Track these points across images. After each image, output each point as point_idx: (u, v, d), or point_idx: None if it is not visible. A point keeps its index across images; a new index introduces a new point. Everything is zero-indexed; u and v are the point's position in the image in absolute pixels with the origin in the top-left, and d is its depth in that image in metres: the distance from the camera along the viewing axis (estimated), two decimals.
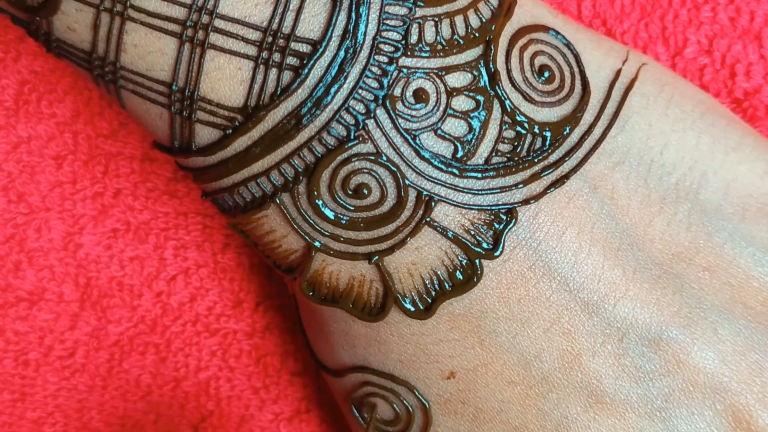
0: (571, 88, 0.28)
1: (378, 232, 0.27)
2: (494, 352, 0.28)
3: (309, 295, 0.29)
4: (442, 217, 0.27)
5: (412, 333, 0.28)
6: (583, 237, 0.28)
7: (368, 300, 0.28)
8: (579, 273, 0.28)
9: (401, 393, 0.29)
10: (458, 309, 0.28)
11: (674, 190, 0.28)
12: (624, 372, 0.28)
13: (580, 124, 0.28)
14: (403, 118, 0.26)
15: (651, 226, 0.28)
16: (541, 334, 0.28)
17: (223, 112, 0.26)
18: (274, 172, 0.27)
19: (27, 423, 0.37)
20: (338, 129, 0.26)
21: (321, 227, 0.27)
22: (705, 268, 0.28)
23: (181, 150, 0.28)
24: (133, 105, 0.27)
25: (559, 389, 0.28)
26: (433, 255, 0.27)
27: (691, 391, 0.28)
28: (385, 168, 0.26)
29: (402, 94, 0.26)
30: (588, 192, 0.28)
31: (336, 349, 0.30)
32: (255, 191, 0.27)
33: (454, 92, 0.27)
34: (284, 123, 0.26)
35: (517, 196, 0.27)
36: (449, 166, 0.27)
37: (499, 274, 0.27)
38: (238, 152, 0.27)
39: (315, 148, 0.26)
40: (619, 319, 0.28)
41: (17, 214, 0.36)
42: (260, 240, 0.29)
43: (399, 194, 0.27)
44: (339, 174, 0.26)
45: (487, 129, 0.27)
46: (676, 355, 0.28)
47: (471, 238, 0.27)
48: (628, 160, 0.28)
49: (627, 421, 0.28)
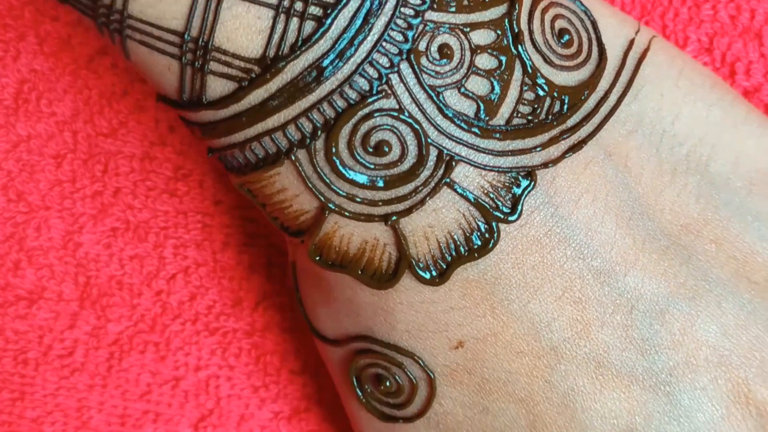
0: (588, 54, 0.28)
1: (396, 192, 0.26)
2: (505, 321, 0.27)
3: (315, 259, 0.28)
4: (462, 178, 0.26)
5: (423, 301, 0.28)
6: (598, 204, 0.27)
7: (379, 266, 0.27)
8: (593, 240, 0.27)
9: (405, 364, 0.29)
10: (472, 275, 0.27)
11: (685, 161, 0.28)
12: (631, 344, 0.28)
13: (597, 90, 0.28)
14: (427, 73, 0.26)
15: (662, 196, 0.28)
16: (553, 302, 0.27)
17: (238, 63, 0.25)
18: (291, 126, 0.26)
19: (26, 422, 0.36)
20: (360, 83, 0.25)
21: (337, 186, 0.26)
22: (712, 241, 0.28)
23: (190, 104, 0.27)
24: (139, 56, 0.26)
25: (567, 361, 0.28)
26: (450, 217, 0.27)
27: (693, 365, 0.28)
28: (407, 125, 0.26)
29: (427, 49, 0.26)
30: (603, 159, 0.28)
31: (338, 317, 0.29)
32: (269, 147, 0.26)
33: (478, 50, 0.26)
34: (304, 75, 0.25)
35: (536, 160, 0.27)
36: (471, 126, 0.26)
37: (515, 239, 0.27)
38: (254, 105, 0.26)
39: (336, 102, 0.26)
40: (629, 289, 0.28)
41: (17, 212, 0.36)
42: (269, 200, 0.28)
43: (420, 152, 0.26)
44: (359, 130, 0.26)
45: (508, 89, 0.26)
46: (681, 327, 0.28)
47: (490, 201, 0.27)
48: (641, 129, 0.28)
49: (632, 394, 0.28)
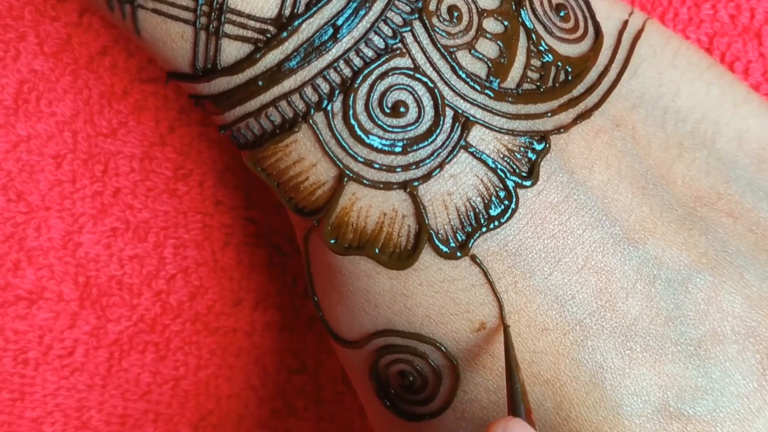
0: (585, 30, 0.28)
1: (414, 156, 0.26)
2: (528, 296, 0.27)
3: (331, 242, 0.27)
4: (479, 141, 0.26)
5: (443, 280, 0.27)
6: (612, 172, 0.28)
7: (398, 241, 0.27)
8: (611, 207, 0.27)
9: (428, 353, 0.28)
10: (492, 246, 0.27)
11: (690, 137, 0.29)
12: (658, 315, 0.27)
13: (597, 64, 0.28)
14: (439, 33, 0.26)
15: (672, 169, 0.28)
16: (576, 273, 0.27)
17: (254, 24, 0.26)
18: (308, 88, 0.26)
19: (26, 422, 0.37)
20: (376, 41, 0.26)
21: (355, 151, 0.26)
22: (728, 214, 0.28)
23: (205, 72, 0.27)
24: (151, 27, 0.26)
25: (594, 336, 0.27)
26: (469, 183, 0.27)
27: (721, 336, 0.27)
28: (422, 84, 0.26)
29: (437, 9, 0.26)
30: (612, 129, 0.28)
31: (356, 313, 0.29)
32: (286, 112, 0.26)
33: (485, 13, 0.27)
34: (320, 34, 0.25)
35: (549, 125, 0.27)
36: (484, 88, 0.26)
37: (534, 206, 0.27)
38: (270, 68, 0.26)
39: (352, 60, 0.26)
40: (650, 257, 0.27)
41: (17, 213, 0.36)
42: (284, 174, 0.27)
43: (436, 112, 0.26)
44: (376, 89, 0.26)
45: (515, 55, 0.27)
46: (706, 297, 0.27)
47: (507, 165, 0.27)
48: (644, 105, 0.28)
49: (662, 369, 0.27)
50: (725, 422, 0.27)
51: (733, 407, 0.27)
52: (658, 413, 0.27)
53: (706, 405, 0.27)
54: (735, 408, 0.27)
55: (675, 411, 0.27)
